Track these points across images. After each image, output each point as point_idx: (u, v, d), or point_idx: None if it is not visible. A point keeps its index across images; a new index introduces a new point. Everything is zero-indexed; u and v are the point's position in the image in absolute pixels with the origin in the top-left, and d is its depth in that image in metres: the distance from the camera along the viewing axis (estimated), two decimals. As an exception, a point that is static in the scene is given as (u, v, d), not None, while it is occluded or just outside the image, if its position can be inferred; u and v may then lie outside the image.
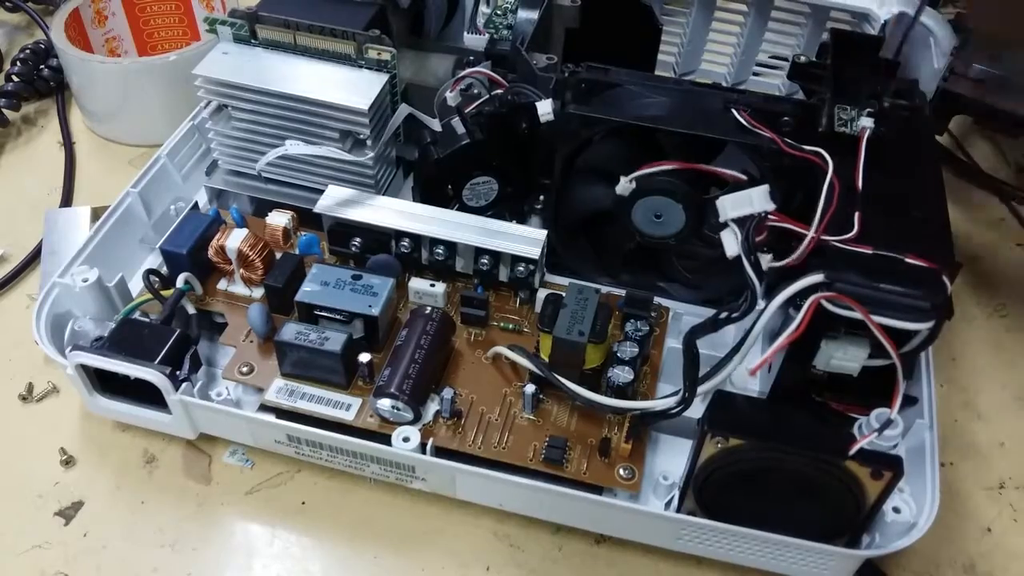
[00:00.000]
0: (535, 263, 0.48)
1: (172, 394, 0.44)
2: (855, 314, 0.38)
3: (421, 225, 0.49)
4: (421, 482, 0.44)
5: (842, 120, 0.46)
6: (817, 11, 0.60)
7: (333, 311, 0.46)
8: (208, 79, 0.51)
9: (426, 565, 0.44)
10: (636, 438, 0.44)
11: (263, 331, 0.48)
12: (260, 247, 0.49)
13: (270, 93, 0.50)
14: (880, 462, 0.37)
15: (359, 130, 0.50)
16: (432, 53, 0.56)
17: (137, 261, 0.53)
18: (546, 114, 0.46)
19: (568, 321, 0.44)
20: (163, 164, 0.55)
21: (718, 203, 0.41)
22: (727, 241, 0.40)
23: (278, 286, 0.48)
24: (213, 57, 0.52)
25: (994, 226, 0.64)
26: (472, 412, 0.45)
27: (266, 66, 0.51)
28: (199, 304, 0.49)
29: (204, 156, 0.59)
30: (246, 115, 0.52)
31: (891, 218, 0.42)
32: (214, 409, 0.44)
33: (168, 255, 0.49)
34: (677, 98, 0.47)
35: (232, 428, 0.46)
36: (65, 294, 0.48)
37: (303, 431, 0.44)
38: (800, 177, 0.44)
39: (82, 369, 0.44)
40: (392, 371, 0.44)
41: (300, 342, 0.45)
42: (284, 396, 0.46)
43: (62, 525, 0.45)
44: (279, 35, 0.52)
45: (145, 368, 0.43)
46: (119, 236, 0.52)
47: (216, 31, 0.52)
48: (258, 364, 0.47)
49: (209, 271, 0.51)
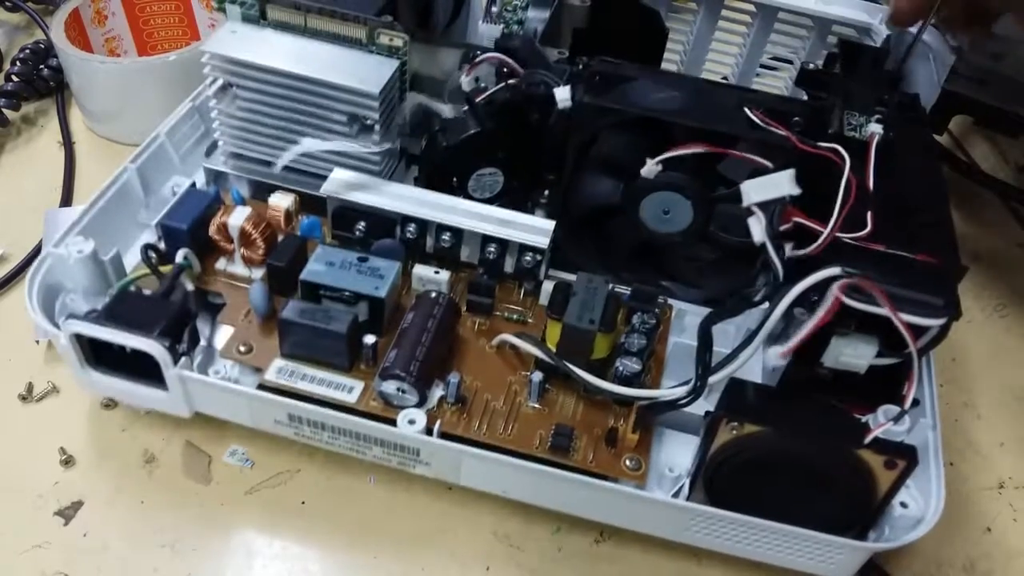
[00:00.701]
0: (543, 253, 0.48)
1: (170, 368, 0.42)
2: (869, 308, 0.38)
3: (428, 211, 0.49)
4: (425, 467, 0.43)
5: (851, 125, 0.47)
6: (820, 23, 0.62)
7: (339, 291, 0.45)
8: (215, 55, 0.50)
9: (426, 565, 0.43)
10: (643, 429, 0.43)
11: (264, 311, 0.47)
12: (263, 227, 0.49)
13: (278, 72, 0.50)
14: (895, 451, 0.37)
15: (368, 114, 0.50)
16: (440, 47, 0.56)
17: (132, 238, 0.52)
18: (564, 100, 0.46)
19: (579, 308, 0.44)
20: (162, 142, 0.54)
21: (742, 187, 0.41)
22: (754, 227, 0.41)
23: (281, 265, 0.47)
24: (221, 35, 0.51)
25: (994, 226, 0.65)
26: (477, 399, 0.45)
27: (274, 46, 0.51)
28: (197, 283, 0.48)
29: (201, 139, 0.58)
30: (252, 95, 0.51)
31: (899, 221, 0.43)
32: (213, 385, 0.43)
33: (167, 230, 0.48)
34: (691, 94, 0.48)
35: (230, 407, 0.44)
36: (58, 265, 0.47)
37: (305, 409, 0.42)
38: (811, 176, 0.44)
39: (76, 339, 0.43)
40: (399, 353, 0.44)
41: (304, 321, 0.44)
42: (284, 376, 0.45)
43: (62, 525, 0.44)
44: (289, 16, 0.51)
45: (144, 339, 0.42)
46: (115, 210, 0.51)
47: (225, 10, 0.52)
48: (257, 344, 0.46)
49: (207, 250, 0.50)
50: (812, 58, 0.61)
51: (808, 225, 0.41)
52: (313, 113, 0.51)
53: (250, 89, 0.51)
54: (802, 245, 0.41)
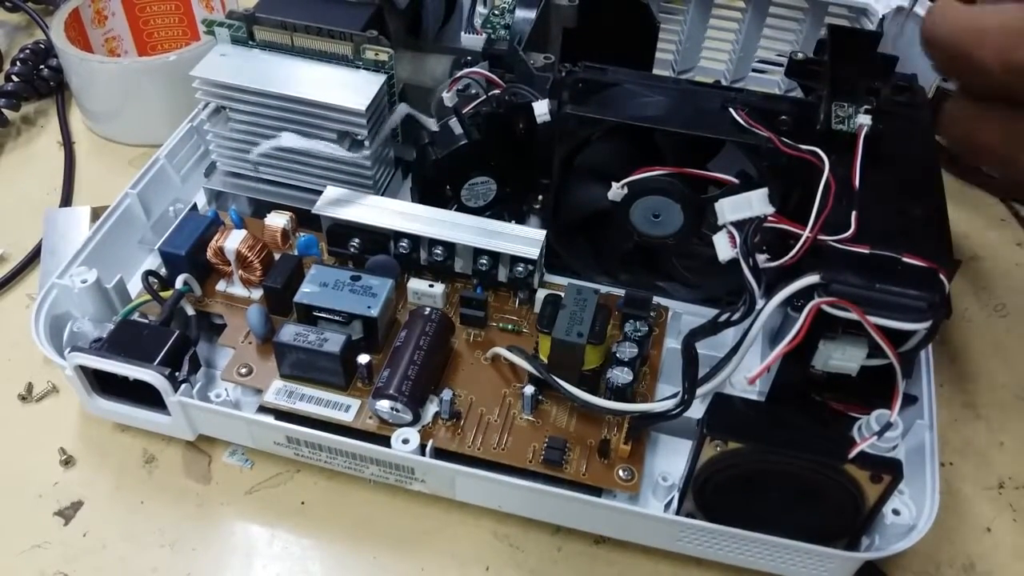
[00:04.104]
0: (534, 263, 0.48)
1: (171, 395, 0.44)
2: (853, 315, 0.38)
3: (420, 226, 0.49)
4: (420, 484, 0.44)
5: (839, 117, 0.46)
6: (815, 6, 0.60)
7: (332, 312, 0.46)
8: (206, 80, 0.51)
9: (426, 565, 0.44)
10: (635, 439, 0.44)
11: (262, 332, 0.48)
12: (259, 248, 0.49)
13: (268, 94, 0.50)
14: (879, 466, 0.37)
15: (357, 131, 0.50)
16: (429, 54, 0.56)
17: (136, 262, 0.53)
18: (543, 115, 0.46)
19: (567, 322, 0.44)
20: (162, 165, 0.55)
21: (716, 206, 0.41)
22: (720, 245, 0.40)
23: (277, 287, 0.48)
24: (211, 59, 0.52)
25: (994, 226, 0.64)
26: (471, 413, 0.45)
27: (264, 67, 0.51)
28: (198, 305, 0.49)
29: (203, 158, 0.58)
30: (244, 116, 0.52)
31: (889, 216, 0.42)
32: (213, 411, 0.44)
33: (167, 256, 0.49)
34: (675, 97, 0.47)
35: (231, 430, 0.46)
36: (64, 295, 0.48)
37: (302, 432, 0.44)
38: (798, 175, 0.44)
39: (81, 370, 0.44)
40: (391, 372, 0.44)
41: (299, 343, 0.45)
42: (283, 397, 0.46)
43: (61, 525, 0.45)
44: (277, 36, 0.52)
45: (144, 369, 0.43)
46: (118, 237, 0.52)
47: (214, 33, 0.52)
48: (257, 365, 0.47)
49: (208, 272, 0.51)
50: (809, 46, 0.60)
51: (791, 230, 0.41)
52: (304, 132, 0.51)
53: (242, 111, 0.52)
54: (788, 247, 0.41)
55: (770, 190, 0.42)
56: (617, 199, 0.46)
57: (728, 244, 0.41)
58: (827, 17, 0.61)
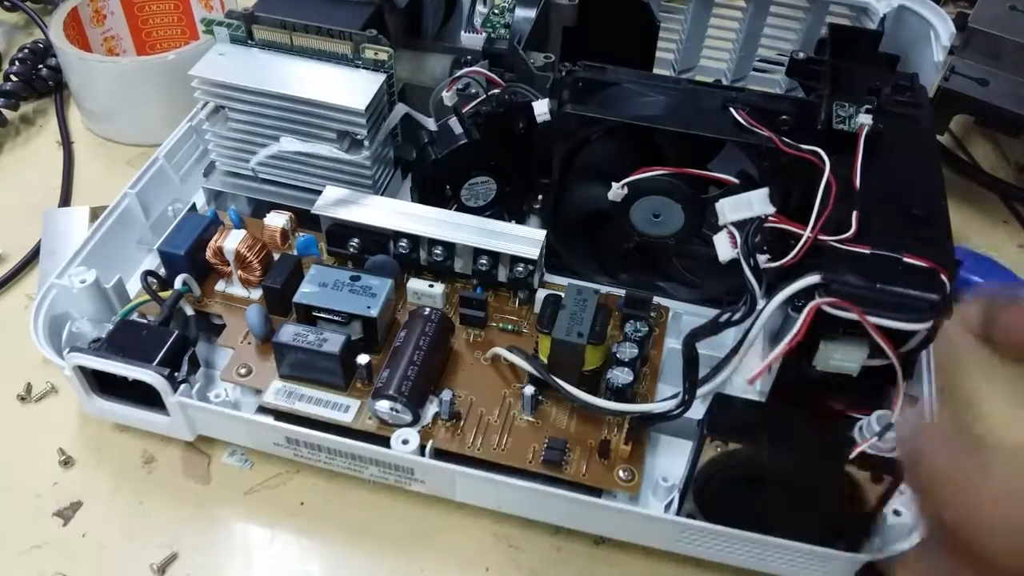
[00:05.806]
0: (534, 263, 0.48)
1: (170, 396, 0.44)
2: (853, 315, 0.38)
3: (419, 226, 0.49)
4: (420, 484, 0.44)
5: (840, 117, 0.46)
6: (816, 5, 0.60)
7: (331, 312, 0.46)
8: (205, 80, 0.51)
9: (425, 565, 0.44)
10: (636, 440, 0.44)
11: (261, 333, 0.48)
12: (258, 248, 0.49)
13: (267, 94, 0.50)
14: (880, 466, 0.37)
15: (356, 130, 0.50)
16: (429, 53, 0.55)
17: (135, 262, 0.53)
18: (542, 114, 0.46)
19: (567, 322, 0.44)
20: (160, 165, 0.55)
21: (717, 206, 0.41)
22: (720, 245, 0.40)
23: (276, 287, 0.48)
24: (209, 58, 0.52)
25: (995, 226, 0.64)
26: (471, 414, 0.45)
27: (263, 67, 0.51)
28: (197, 305, 0.49)
29: (202, 157, 0.58)
30: (243, 116, 0.52)
31: (890, 215, 0.42)
32: (212, 411, 0.44)
33: (166, 256, 0.49)
34: (675, 97, 0.47)
35: (230, 430, 0.46)
36: (63, 295, 0.48)
37: (301, 433, 0.43)
38: (799, 175, 0.44)
39: (80, 371, 0.44)
40: (391, 373, 0.44)
41: (298, 344, 0.45)
42: (282, 398, 0.46)
43: (61, 525, 0.45)
44: (276, 36, 0.52)
45: (143, 369, 0.43)
46: (117, 237, 0.52)
47: (213, 32, 0.52)
48: (256, 366, 0.47)
49: (207, 272, 0.50)
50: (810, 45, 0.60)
51: (792, 230, 0.41)
52: (304, 131, 0.51)
53: (241, 111, 0.52)
54: (789, 247, 0.41)
55: (771, 190, 0.42)
56: (617, 199, 0.46)
57: (729, 244, 0.41)
58: (828, 16, 0.60)
